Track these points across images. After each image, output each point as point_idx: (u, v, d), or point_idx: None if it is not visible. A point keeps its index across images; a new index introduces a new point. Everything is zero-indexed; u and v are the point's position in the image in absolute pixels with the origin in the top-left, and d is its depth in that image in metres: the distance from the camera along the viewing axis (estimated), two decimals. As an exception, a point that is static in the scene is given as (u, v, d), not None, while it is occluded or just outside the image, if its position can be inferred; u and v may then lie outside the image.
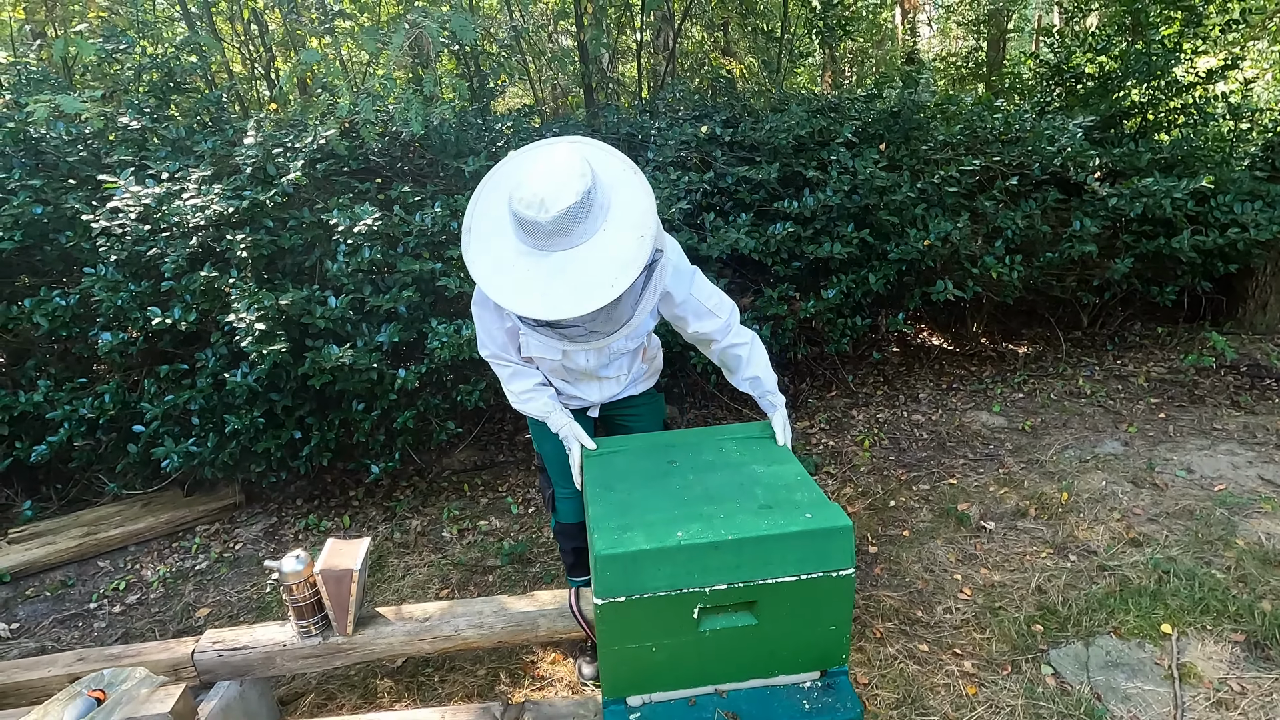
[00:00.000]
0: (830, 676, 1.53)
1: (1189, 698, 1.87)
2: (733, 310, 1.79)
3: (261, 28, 6.05)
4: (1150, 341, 4.39)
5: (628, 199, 1.41)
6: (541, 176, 1.35)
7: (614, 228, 1.39)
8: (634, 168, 1.46)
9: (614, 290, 1.34)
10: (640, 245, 1.37)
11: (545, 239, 1.36)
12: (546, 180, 1.34)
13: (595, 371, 1.82)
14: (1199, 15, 4.16)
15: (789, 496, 1.52)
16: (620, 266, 1.36)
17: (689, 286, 1.69)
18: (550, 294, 1.36)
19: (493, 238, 1.44)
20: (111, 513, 3.08)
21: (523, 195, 1.35)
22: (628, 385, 1.94)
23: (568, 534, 2.07)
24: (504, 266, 1.41)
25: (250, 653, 1.85)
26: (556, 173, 1.35)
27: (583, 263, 1.37)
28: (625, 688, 1.48)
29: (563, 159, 1.37)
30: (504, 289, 1.39)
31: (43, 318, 2.68)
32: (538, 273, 1.38)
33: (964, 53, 11.81)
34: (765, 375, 1.85)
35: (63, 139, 3.07)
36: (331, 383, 2.71)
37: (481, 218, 1.47)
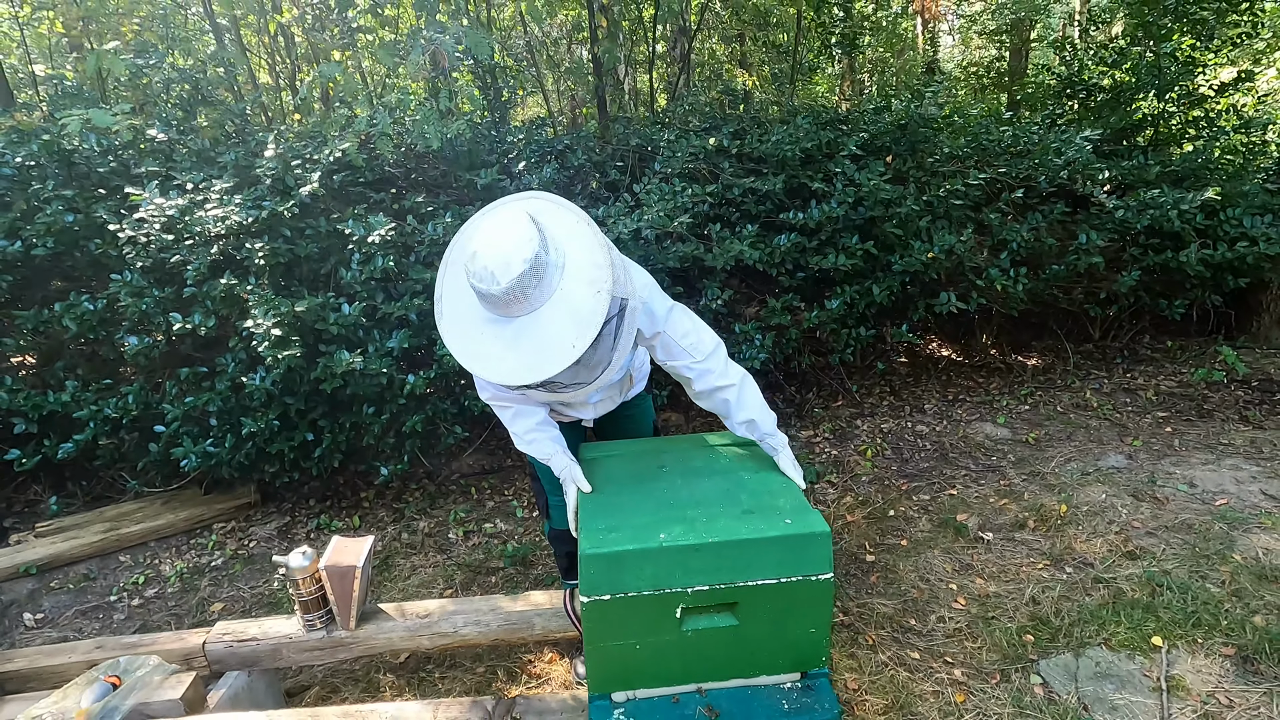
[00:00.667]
0: (811, 678, 1.57)
1: (1176, 710, 1.88)
2: (714, 351, 1.70)
3: (288, 40, 6.24)
4: (1161, 355, 4.37)
5: (582, 254, 1.41)
6: (490, 247, 1.35)
7: (570, 285, 1.39)
8: (586, 219, 1.46)
9: (575, 351, 1.35)
10: (597, 301, 1.37)
11: (504, 308, 1.38)
12: (494, 252, 1.34)
13: (587, 400, 1.86)
14: (1211, 29, 4.15)
15: (772, 502, 1.57)
16: (579, 326, 1.36)
17: (661, 324, 1.65)
18: (513, 361, 1.38)
19: (459, 308, 1.46)
20: (133, 509, 3.20)
21: (475, 269, 1.35)
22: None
23: (561, 539, 2.11)
24: (471, 335, 1.44)
25: (258, 644, 1.93)
26: (503, 243, 1.35)
27: (542, 326, 1.38)
28: (610, 684, 1.53)
29: (509, 227, 1.37)
30: (473, 358, 1.42)
31: (71, 321, 2.80)
32: (501, 340, 1.40)
33: (986, 62, 11.77)
34: (761, 417, 1.75)
35: (94, 150, 3.22)
36: (343, 387, 2.80)
37: (449, 290, 1.49)
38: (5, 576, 2.87)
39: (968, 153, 3.85)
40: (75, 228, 2.95)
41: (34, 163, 3.07)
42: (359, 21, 4.12)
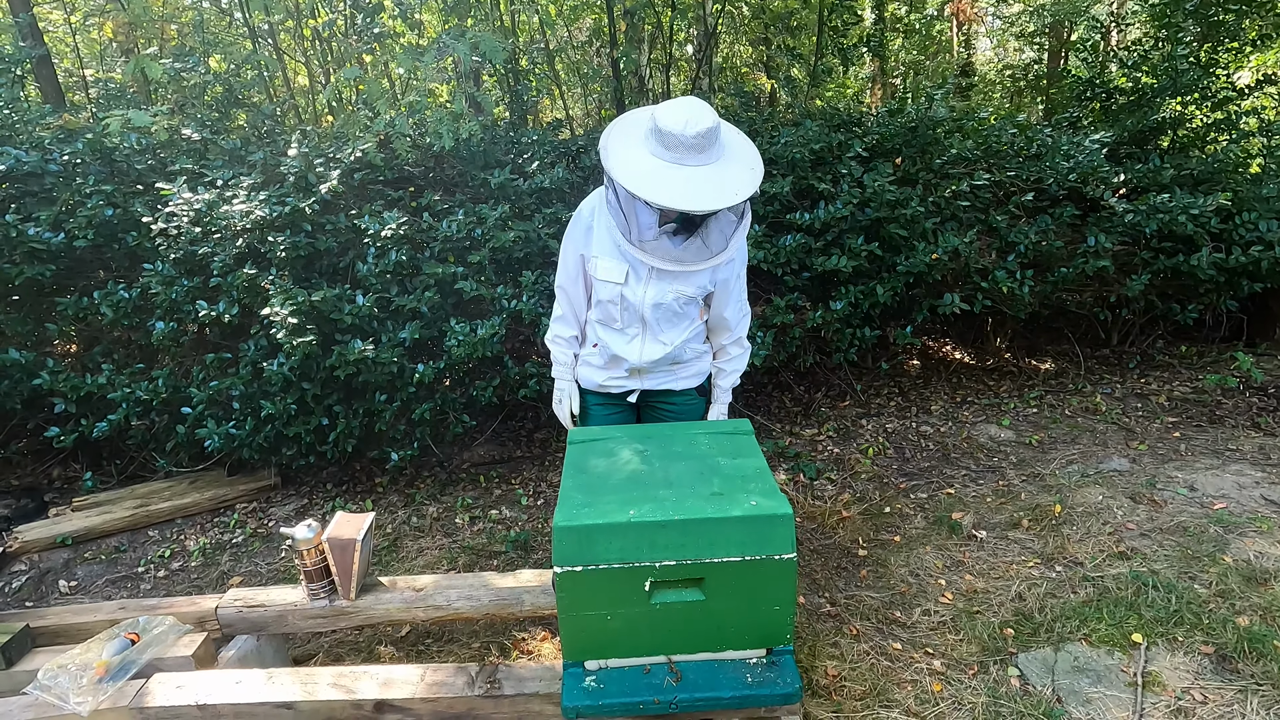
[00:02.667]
0: (776, 655, 1.64)
1: (1149, 704, 1.91)
2: (749, 315, 2.11)
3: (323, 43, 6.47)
4: (1176, 361, 4.31)
5: (740, 146, 1.78)
6: (684, 107, 1.68)
7: (732, 160, 1.73)
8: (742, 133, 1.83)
9: (737, 196, 1.66)
10: (752, 176, 1.71)
11: (682, 153, 1.67)
12: (689, 109, 1.68)
13: (646, 315, 1.93)
14: (1232, 30, 4.09)
15: (742, 486, 1.64)
16: (740, 183, 1.69)
17: (742, 266, 1.99)
18: (686, 191, 1.66)
19: (631, 150, 1.73)
20: (162, 488, 3.39)
21: (670, 115, 1.67)
22: (665, 374, 2.06)
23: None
24: (643, 169, 1.70)
25: (266, 610, 2.06)
26: (696, 106, 1.69)
27: (711, 174, 1.69)
28: (583, 653, 1.62)
29: (695, 101, 1.71)
30: (643, 184, 1.67)
31: (109, 308, 2.99)
32: (673, 177, 1.68)
33: (1023, 65, 11.60)
34: (731, 381, 2.16)
35: (133, 149, 3.42)
36: (356, 374, 2.94)
37: (620, 138, 1.77)
38: (44, 546, 3.07)
39: (977, 155, 3.86)
40: (114, 221, 3.14)
41: (78, 160, 3.27)
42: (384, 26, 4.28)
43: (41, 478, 3.63)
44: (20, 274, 2.95)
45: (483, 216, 3.31)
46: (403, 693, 1.71)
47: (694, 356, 2.09)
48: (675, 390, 2.11)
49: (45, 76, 5.13)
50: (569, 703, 1.55)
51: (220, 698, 1.71)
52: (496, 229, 3.27)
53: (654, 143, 1.70)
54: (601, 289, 1.95)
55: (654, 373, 2.06)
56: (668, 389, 2.10)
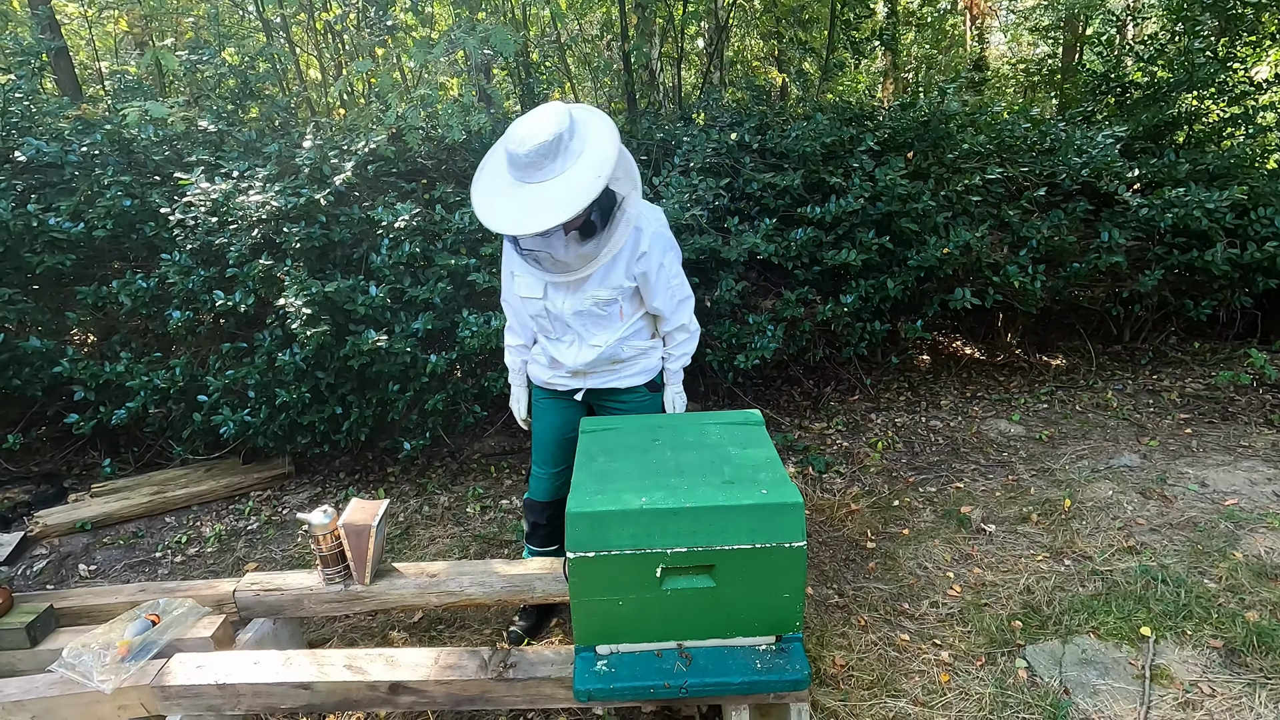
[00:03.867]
0: (785, 642, 1.66)
1: (1157, 697, 1.91)
2: (686, 300, 2.07)
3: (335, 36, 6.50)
4: (1189, 358, 4.28)
5: (597, 151, 1.69)
6: (529, 120, 1.68)
7: (580, 168, 1.67)
8: (613, 127, 1.74)
9: (565, 215, 1.62)
10: (595, 183, 1.64)
11: (523, 171, 1.67)
12: (531, 123, 1.67)
13: (571, 323, 1.98)
14: (1250, 24, 4.05)
15: (753, 475, 1.66)
16: (571, 198, 1.64)
17: (662, 256, 1.93)
18: (517, 213, 1.67)
19: (493, 177, 1.77)
20: (179, 475, 3.44)
21: (512, 134, 1.68)
22: (607, 373, 2.09)
23: (532, 509, 2.34)
24: (490, 194, 1.75)
25: (283, 594, 2.09)
26: (540, 118, 1.67)
27: (546, 192, 1.67)
28: (595, 637, 1.64)
29: (548, 110, 1.69)
30: (483, 208, 1.74)
31: (127, 297, 3.03)
32: (513, 198, 1.70)
33: (1037, 59, 11.50)
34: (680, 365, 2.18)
35: (151, 140, 3.46)
36: (369, 364, 2.97)
37: (487, 165, 1.81)
38: (64, 531, 3.12)
39: (990, 149, 3.84)
40: (132, 212, 3.18)
41: (97, 151, 3.32)
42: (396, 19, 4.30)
43: (61, 464, 3.69)
44: (41, 263, 3.00)
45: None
46: (417, 675, 1.74)
47: (635, 354, 2.09)
48: (620, 389, 2.14)
49: (62, 68, 5.18)
50: (581, 685, 1.57)
51: (239, 677, 1.74)
52: (508, 221, 3.29)
53: (506, 162, 1.72)
54: (527, 305, 2.03)
55: (594, 373, 2.10)
56: (612, 388, 2.13)
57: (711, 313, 3.65)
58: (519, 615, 2.38)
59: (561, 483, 2.28)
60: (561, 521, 2.42)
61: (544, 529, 2.35)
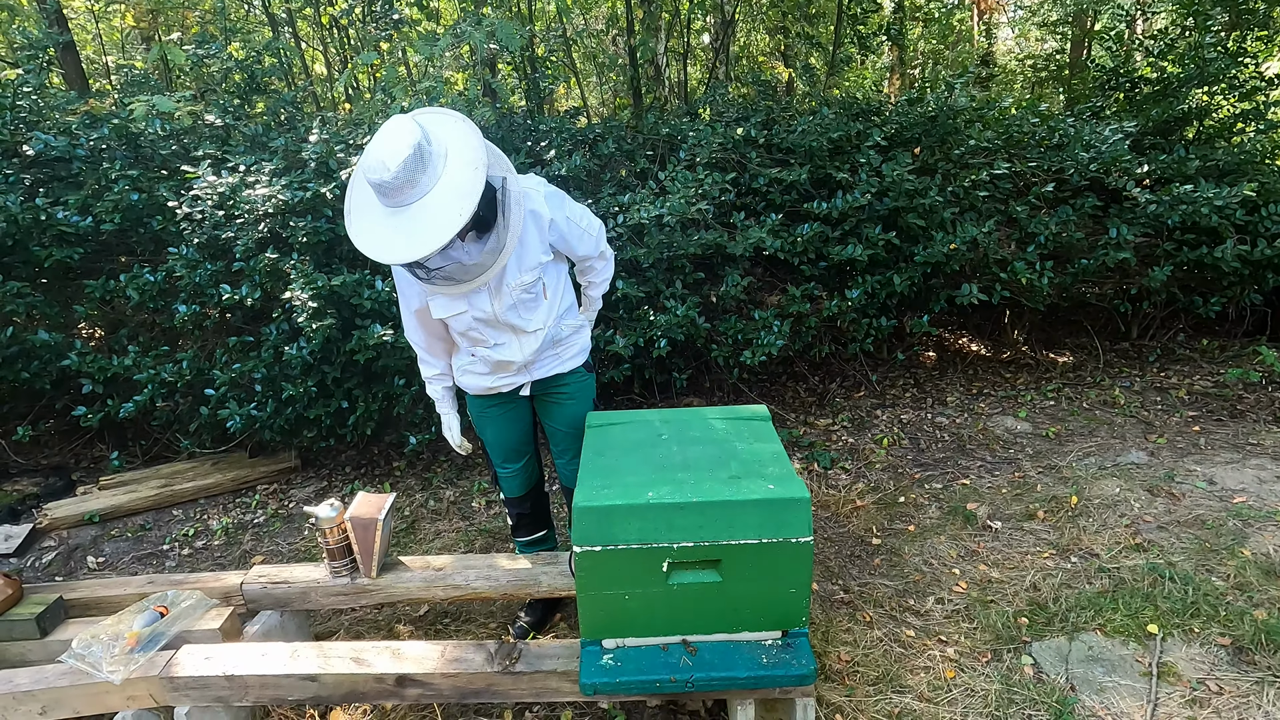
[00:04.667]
0: (791, 637, 1.66)
1: (1164, 694, 1.91)
2: (601, 228, 2.05)
3: (340, 31, 6.50)
4: (1198, 355, 4.26)
5: (460, 142, 1.60)
6: (378, 144, 1.56)
7: (452, 168, 1.58)
8: (462, 118, 1.65)
9: (461, 219, 1.54)
10: (476, 176, 1.56)
11: (396, 195, 1.56)
12: (382, 146, 1.55)
13: (505, 319, 1.90)
14: (1262, 17, 4.01)
15: (760, 469, 1.66)
16: (461, 198, 1.55)
17: (563, 210, 1.90)
18: (404, 238, 1.57)
19: (364, 210, 1.66)
20: (186, 468, 3.46)
21: (368, 164, 1.56)
22: (551, 359, 2.06)
23: (512, 504, 2.33)
24: (369, 228, 1.64)
25: (290, 587, 2.10)
26: (389, 137, 1.55)
27: (432, 205, 1.57)
28: (601, 631, 1.65)
29: (393, 126, 1.57)
30: (372, 246, 1.61)
31: (134, 291, 3.04)
32: (394, 226, 1.59)
33: (1045, 55, 11.44)
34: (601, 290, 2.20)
35: (158, 134, 3.46)
36: (375, 358, 2.98)
37: (355, 199, 1.68)
38: (72, 523, 3.14)
39: (997, 145, 3.82)
40: (139, 206, 3.19)
41: (104, 145, 3.32)
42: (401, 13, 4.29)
43: (69, 457, 3.71)
44: (50, 256, 3.01)
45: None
46: (423, 668, 1.75)
47: (572, 332, 2.09)
48: (564, 373, 2.12)
49: (69, 63, 5.20)
50: (587, 679, 1.58)
51: (247, 669, 1.75)
52: (514, 216, 3.29)
53: (375, 194, 1.61)
54: (454, 323, 1.93)
55: (540, 361, 2.05)
56: (556, 374, 2.11)
57: (717, 308, 3.65)
58: (524, 610, 2.38)
59: (530, 471, 2.30)
60: (544, 502, 2.43)
61: (529, 515, 2.36)
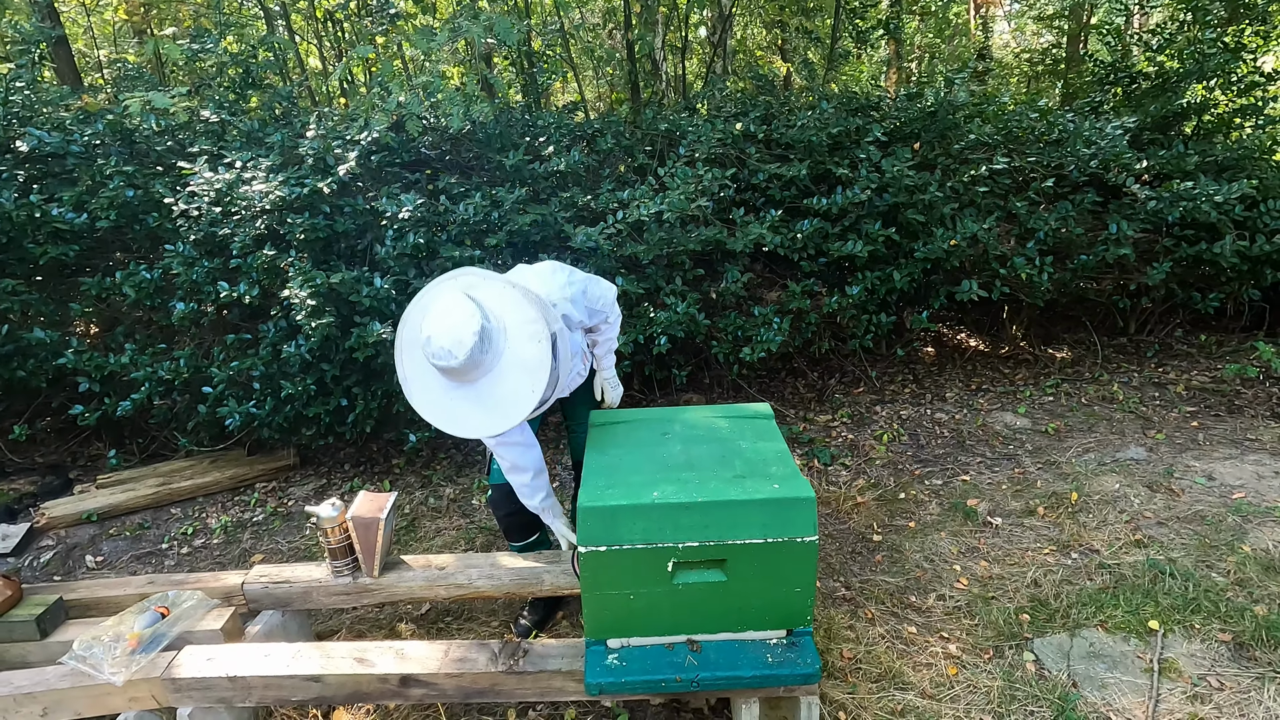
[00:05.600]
0: (795, 636, 1.66)
1: (1165, 690, 1.92)
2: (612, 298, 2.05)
3: (336, 25, 6.44)
4: (1195, 351, 4.27)
5: (516, 314, 1.64)
6: (441, 330, 1.56)
7: (514, 343, 1.62)
8: (510, 283, 1.68)
9: (535, 395, 1.60)
10: (541, 349, 1.61)
11: (464, 376, 1.59)
12: (445, 332, 1.55)
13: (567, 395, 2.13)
14: (1262, 13, 4.01)
15: (764, 469, 1.66)
16: (531, 374, 1.61)
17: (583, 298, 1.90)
18: (481, 416, 1.63)
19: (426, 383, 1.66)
20: (183, 466, 3.44)
21: (433, 350, 1.56)
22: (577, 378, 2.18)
23: (498, 504, 2.19)
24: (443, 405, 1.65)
25: (291, 586, 2.10)
26: (451, 323, 1.56)
27: (503, 382, 1.61)
28: (606, 631, 1.64)
29: (451, 308, 1.58)
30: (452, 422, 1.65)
31: (131, 288, 3.02)
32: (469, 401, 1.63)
33: (1042, 49, 11.42)
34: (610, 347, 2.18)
35: (153, 130, 3.43)
36: (375, 356, 2.96)
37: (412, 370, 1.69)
38: (70, 522, 3.12)
39: (997, 140, 3.82)
40: (134, 202, 3.16)
41: (99, 142, 3.29)
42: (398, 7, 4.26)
43: (65, 456, 3.68)
44: (45, 254, 2.98)
45: (500, 200, 3.31)
46: (427, 668, 1.74)
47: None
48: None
49: (62, 57, 5.14)
50: (592, 679, 1.58)
51: (250, 670, 1.75)
52: (514, 212, 3.27)
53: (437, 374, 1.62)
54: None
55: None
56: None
57: (717, 305, 3.64)
58: (526, 609, 2.38)
59: None
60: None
61: (517, 514, 2.18)
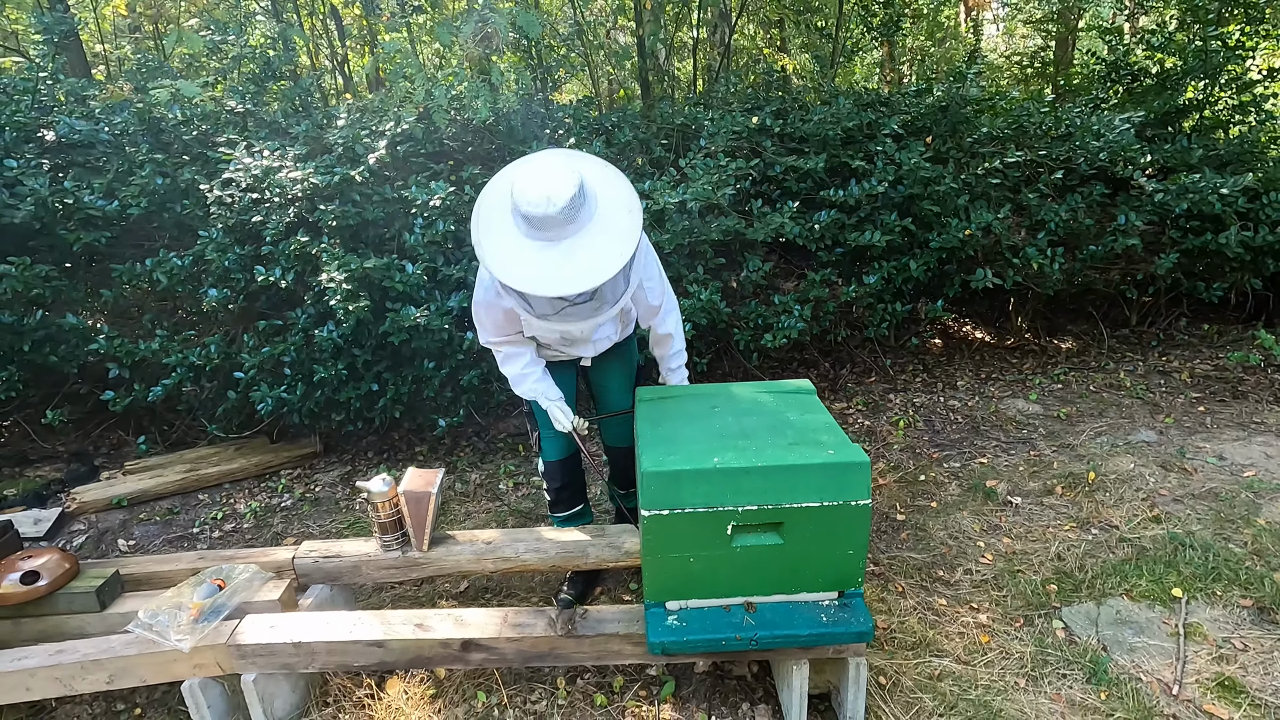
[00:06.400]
0: (847, 597, 1.72)
1: (1191, 652, 2.00)
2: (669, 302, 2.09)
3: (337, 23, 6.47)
4: (1198, 340, 4.38)
5: (611, 186, 1.67)
6: (539, 180, 1.56)
7: (606, 210, 1.64)
8: (605, 162, 1.72)
9: (621, 259, 1.60)
10: (631, 219, 1.64)
11: (554, 229, 1.57)
12: (544, 181, 1.56)
13: (589, 337, 2.06)
14: (1261, 13, 4.13)
15: (815, 437, 1.72)
16: (620, 240, 1.62)
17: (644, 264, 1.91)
18: (568, 272, 1.59)
19: (504, 242, 1.62)
20: (210, 453, 3.46)
21: (530, 197, 1.55)
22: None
23: (552, 475, 2.33)
24: (521, 262, 1.60)
25: (341, 561, 2.14)
26: (551, 175, 1.57)
27: (591, 242, 1.61)
28: (666, 593, 1.70)
29: (550, 164, 1.61)
30: (529, 280, 1.59)
31: (163, 275, 3.05)
32: (551, 260, 1.59)
33: (1030, 52, 11.59)
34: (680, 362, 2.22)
35: (178, 120, 3.46)
36: (408, 341, 3.00)
37: (487, 231, 1.64)
38: (101, 508, 3.14)
39: (1008, 134, 3.91)
40: (162, 190, 3.19)
41: (128, 130, 3.31)
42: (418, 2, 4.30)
43: (87, 443, 3.69)
44: (78, 240, 3.00)
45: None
46: (487, 633, 1.79)
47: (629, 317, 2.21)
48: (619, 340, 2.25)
49: (72, 49, 5.15)
50: (655, 638, 1.63)
51: (314, 636, 1.79)
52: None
53: (521, 223, 1.60)
54: (542, 336, 2.02)
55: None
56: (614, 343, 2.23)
57: (737, 294, 3.71)
58: (566, 584, 2.43)
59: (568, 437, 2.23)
60: (582, 476, 2.47)
61: (568, 487, 2.39)
